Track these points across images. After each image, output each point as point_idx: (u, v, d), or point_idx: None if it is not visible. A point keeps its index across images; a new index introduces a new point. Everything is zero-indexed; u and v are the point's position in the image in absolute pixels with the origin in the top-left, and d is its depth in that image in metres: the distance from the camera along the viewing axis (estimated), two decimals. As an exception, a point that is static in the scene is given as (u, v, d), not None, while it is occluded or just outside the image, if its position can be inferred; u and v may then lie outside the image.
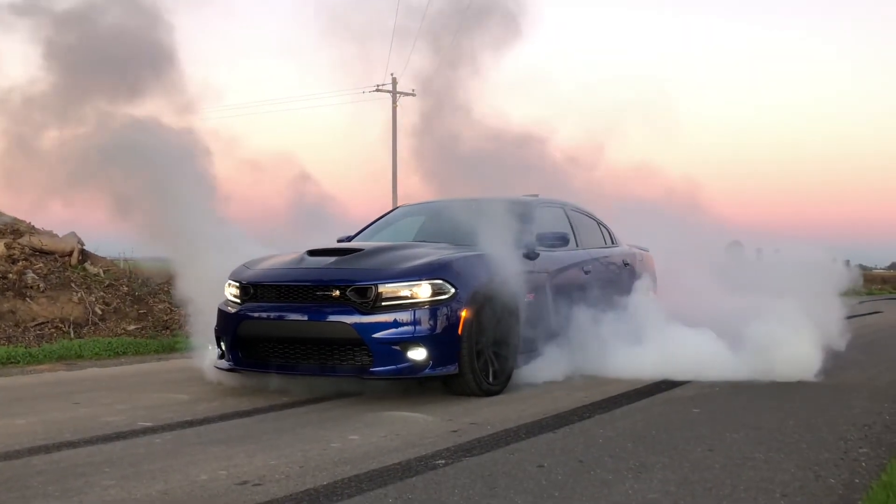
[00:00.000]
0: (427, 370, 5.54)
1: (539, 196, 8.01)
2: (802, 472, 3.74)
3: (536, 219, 7.28)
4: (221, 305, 6.23)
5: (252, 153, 8.73)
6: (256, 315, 5.89)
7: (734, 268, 10.12)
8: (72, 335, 9.51)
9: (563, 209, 7.95)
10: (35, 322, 9.69)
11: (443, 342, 5.57)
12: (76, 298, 10.25)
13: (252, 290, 6.02)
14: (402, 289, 5.62)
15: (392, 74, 29.43)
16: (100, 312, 10.23)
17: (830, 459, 4.01)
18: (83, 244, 11.75)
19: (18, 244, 11.04)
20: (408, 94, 29.07)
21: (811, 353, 6.76)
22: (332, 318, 5.60)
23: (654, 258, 9.37)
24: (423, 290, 5.62)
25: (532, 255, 6.81)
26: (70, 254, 11.38)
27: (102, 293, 10.69)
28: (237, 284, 6.13)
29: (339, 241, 7.60)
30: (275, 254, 6.59)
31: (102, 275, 11.28)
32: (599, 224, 8.54)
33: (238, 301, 6.08)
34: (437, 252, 6.17)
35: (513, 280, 6.24)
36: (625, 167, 10.60)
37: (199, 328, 7.01)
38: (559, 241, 7.00)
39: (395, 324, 5.52)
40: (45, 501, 3.33)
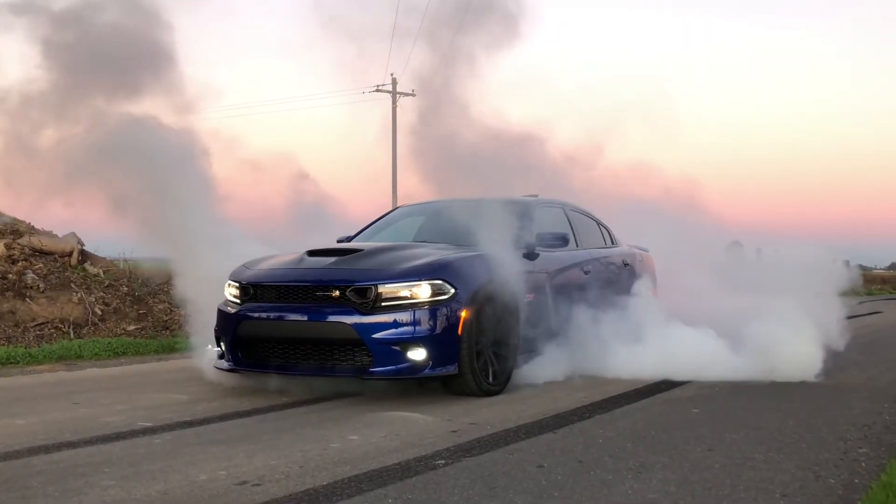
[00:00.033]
0: (427, 370, 5.54)
1: (539, 196, 8.01)
2: (802, 473, 3.74)
3: (536, 219, 7.28)
4: (221, 306, 6.23)
5: (252, 153, 8.75)
6: (256, 315, 5.89)
7: (734, 268, 10.13)
8: (71, 335, 9.52)
9: (563, 209, 7.96)
10: (35, 322, 9.70)
11: (442, 342, 5.57)
12: (76, 299, 10.25)
13: (252, 291, 6.02)
14: (402, 289, 5.62)
15: (392, 75, 29.47)
16: (99, 313, 10.23)
17: (830, 460, 4.01)
18: (83, 244, 11.75)
19: (18, 244, 11.04)
20: (408, 95, 29.08)
21: (812, 353, 6.76)
22: (332, 319, 5.61)
23: (654, 258, 9.37)
24: (423, 291, 5.62)
25: (532, 256, 6.81)
26: (70, 254, 11.38)
27: (102, 293, 10.69)
28: (237, 285, 6.14)
29: (339, 242, 7.60)
30: (275, 254, 6.59)
31: (102, 275, 11.28)
32: (599, 224, 8.54)
33: (238, 301, 6.08)
34: (437, 252, 6.17)
35: (512, 280, 6.24)
36: (625, 167, 10.63)
37: (199, 328, 7.01)
38: (559, 242, 7.00)
39: (395, 324, 5.52)
40: (45, 501, 3.33)
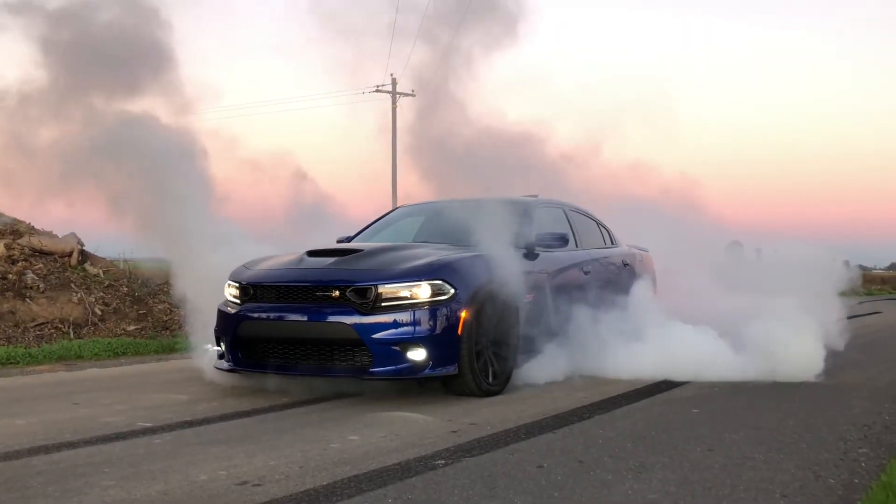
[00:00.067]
0: (427, 371, 5.54)
1: (539, 196, 8.01)
2: (802, 473, 3.74)
3: (536, 219, 7.28)
4: (221, 306, 6.23)
5: (252, 153, 8.74)
6: (256, 316, 5.89)
7: (734, 268, 10.13)
8: (71, 336, 9.52)
9: (563, 209, 7.96)
10: (35, 322, 9.70)
11: (442, 343, 5.57)
12: (76, 299, 10.25)
13: (252, 291, 6.02)
14: (402, 289, 5.62)
15: (392, 75, 29.45)
16: (99, 313, 10.23)
17: (830, 460, 4.01)
18: (83, 245, 11.75)
19: (18, 245, 11.05)
20: (407, 95, 29.07)
21: (814, 353, 6.75)
22: (332, 319, 5.60)
23: (654, 258, 9.37)
24: (423, 291, 5.62)
25: (532, 256, 6.82)
26: (70, 254, 11.38)
27: (102, 294, 10.70)
28: (237, 285, 6.14)
29: (339, 242, 7.60)
30: (275, 254, 6.59)
31: (102, 275, 11.28)
32: (599, 224, 8.54)
33: (238, 302, 6.08)
34: (437, 253, 6.17)
35: (512, 280, 6.24)
36: (625, 167, 10.63)
37: (198, 328, 7.01)
38: (559, 242, 7.00)
39: (395, 324, 5.52)
40: (45, 502, 3.33)
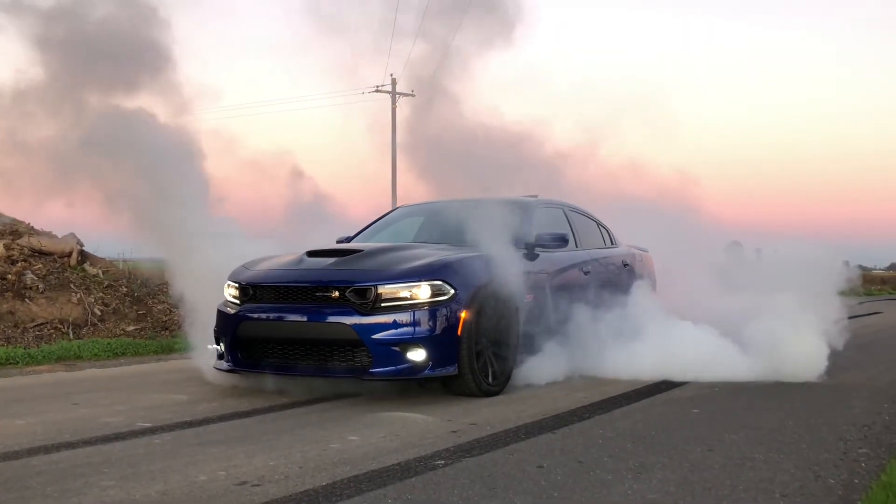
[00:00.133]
0: (427, 371, 5.54)
1: (539, 196, 8.01)
2: (802, 473, 3.74)
3: (536, 219, 7.28)
4: (221, 306, 6.23)
5: (252, 153, 8.74)
6: (256, 316, 5.89)
7: (733, 268, 10.13)
8: (71, 336, 9.51)
9: (563, 210, 7.95)
10: (34, 323, 9.69)
11: (442, 343, 5.57)
12: (75, 299, 10.25)
13: (251, 291, 6.02)
14: (402, 290, 5.61)
15: (392, 75, 29.47)
16: (99, 313, 10.23)
17: (830, 460, 4.01)
18: (82, 245, 11.75)
19: (17, 245, 11.04)
20: (407, 95, 29.06)
21: (817, 352, 6.74)
22: (332, 319, 5.60)
23: (654, 259, 9.37)
24: (423, 291, 5.62)
25: (531, 256, 6.81)
26: (69, 254, 11.38)
27: (101, 294, 10.69)
28: (236, 285, 6.13)
29: (339, 242, 7.60)
30: (274, 254, 6.59)
31: (101, 276, 11.28)
32: (599, 225, 8.54)
33: (237, 302, 6.07)
34: (437, 253, 6.16)
35: (512, 281, 6.23)
36: (625, 167, 10.63)
37: (198, 328, 7.01)
38: (559, 242, 6.99)
39: (395, 325, 5.51)
40: (44, 502, 3.32)
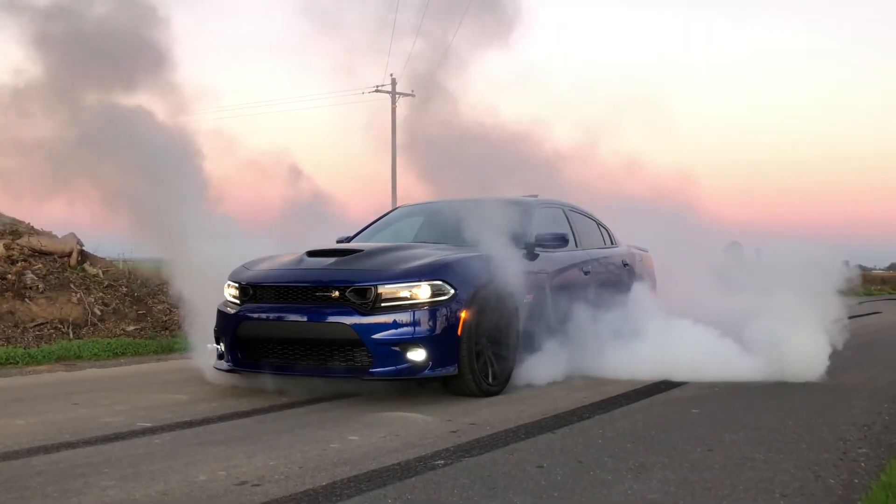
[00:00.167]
0: (427, 371, 5.54)
1: (539, 196, 8.01)
2: (802, 473, 3.74)
3: (536, 219, 7.28)
4: (221, 306, 6.23)
5: (252, 153, 8.74)
6: (256, 316, 5.89)
7: (733, 267, 10.13)
8: (71, 336, 9.51)
9: (563, 210, 7.95)
10: (34, 323, 9.69)
11: (442, 343, 5.57)
12: (75, 299, 10.25)
13: (251, 291, 6.02)
14: (402, 290, 5.62)
15: (392, 75, 29.47)
16: (99, 313, 10.23)
17: (830, 460, 4.01)
18: (82, 245, 11.75)
19: (18, 245, 11.04)
20: (407, 95, 29.05)
21: (819, 351, 6.73)
22: (332, 319, 5.60)
23: (654, 258, 9.37)
24: (423, 291, 5.62)
25: (531, 256, 6.81)
26: (69, 254, 11.38)
27: (101, 294, 10.69)
28: (237, 285, 6.13)
29: (339, 242, 7.60)
30: (274, 254, 6.59)
31: (101, 275, 11.28)
32: (599, 224, 8.54)
33: (237, 302, 6.07)
34: (437, 253, 6.16)
35: (512, 281, 6.24)
36: (625, 167, 10.64)
37: (198, 328, 7.00)
38: (558, 242, 6.99)
39: (395, 325, 5.52)
40: (44, 502, 3.32)
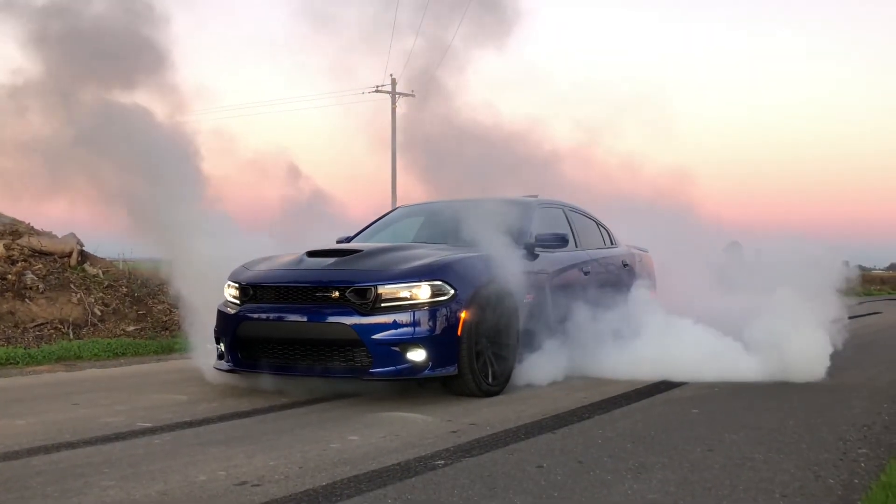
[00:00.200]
0: (427, 371, 5.54)
1: (539, 196, 8.01)
2: (802, 473, 3.74)
3: (536, 219, 7.28)
4: (221, 306, 6.23)
5: (252, 154, 8.75)
6: (256, 316, 5.89)
7: (733, 268, 10.14)
8: (71, 336, 9.51)
9: (563, 210, 7.95)
10: (34, 323, 9.69)
11: (442, 343, 5.57)
12: (75, 299, 10.25)
13: (251, 292, 6.02)
14: (402, 290, 5.62)
15: (391, 75, 29.48)
16: (99, 313, 10.23)
17: (830, 460, 4.01)
18: (82, 245, 11.75)
19: (18, 245, 11.04)
20: (407, 95, 29.05)
21: (820, 350, 6.73)
22: (332, 320, 5.60)
23: (654, 259, 9.37)
24: (423, 292, 5.62)
25: (531, 256, 6.81)
26: (69, 255, 11.38)
27: (101, 294, 10.69)
28: (236, 285, 6.13)
29: (339, 242, 7.60)
30: (274, 254, 6.59)
31: (101, 276, 11.28)
32: (599, 225, 8.54)
33: (237, 302, 6.07)
34: (437, 253, 6.16)
35: (512, 281, 6.24)
36: (625, 168, 10.64)
37: (198, 327, 7.00)
38: (558, 242, 6.99)
39: (395, 325, 5.52)
40: (44, 502, 3.32)
